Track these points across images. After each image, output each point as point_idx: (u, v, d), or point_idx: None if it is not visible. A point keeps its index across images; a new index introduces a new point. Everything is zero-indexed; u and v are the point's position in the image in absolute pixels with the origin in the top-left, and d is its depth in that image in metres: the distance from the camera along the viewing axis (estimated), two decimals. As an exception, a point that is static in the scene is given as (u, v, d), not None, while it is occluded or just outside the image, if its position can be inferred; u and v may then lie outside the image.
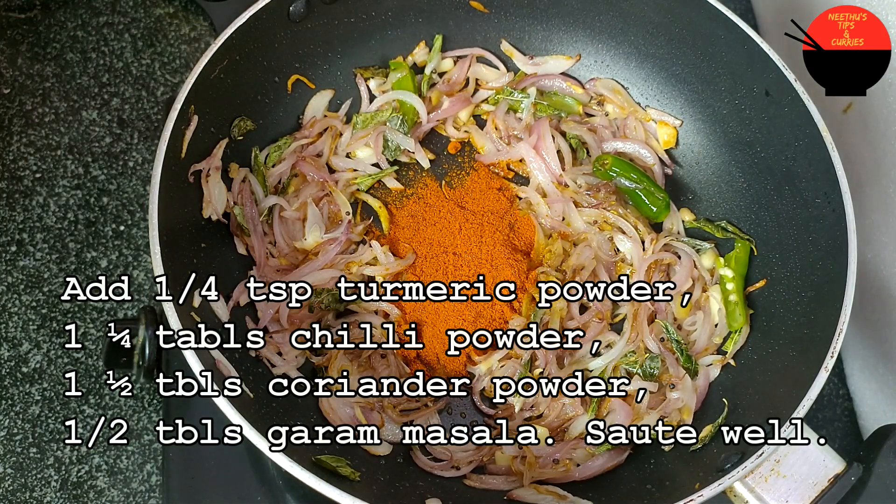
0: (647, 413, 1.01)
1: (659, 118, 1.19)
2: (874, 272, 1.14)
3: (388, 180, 1.15)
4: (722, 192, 1.14)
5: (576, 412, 1.01)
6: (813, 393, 0.87)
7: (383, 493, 0.92)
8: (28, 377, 1.10)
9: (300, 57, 1.13)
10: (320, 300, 1.02)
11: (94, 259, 1.17)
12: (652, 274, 1.09)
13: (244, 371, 0.95)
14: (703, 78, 1.14)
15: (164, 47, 1.32)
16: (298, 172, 1.12)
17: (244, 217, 1.05)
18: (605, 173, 1.12)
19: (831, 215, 0.97)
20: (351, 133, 1.15)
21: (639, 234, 1.10)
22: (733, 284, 1.07)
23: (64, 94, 1.27)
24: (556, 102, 1.20)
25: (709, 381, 1.04)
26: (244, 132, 1.09)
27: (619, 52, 1.20)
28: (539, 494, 0.94)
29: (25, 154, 1.22)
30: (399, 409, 1.01)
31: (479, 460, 0.98)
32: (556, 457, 0.98)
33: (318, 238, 1.07)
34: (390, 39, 1.19)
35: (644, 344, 1.05)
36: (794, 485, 0.88)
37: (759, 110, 1.08)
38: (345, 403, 0.99)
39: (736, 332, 1.05)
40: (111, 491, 1.06)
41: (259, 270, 1.05)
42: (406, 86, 1.16)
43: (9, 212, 1.18)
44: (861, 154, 1.16)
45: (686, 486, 0.86)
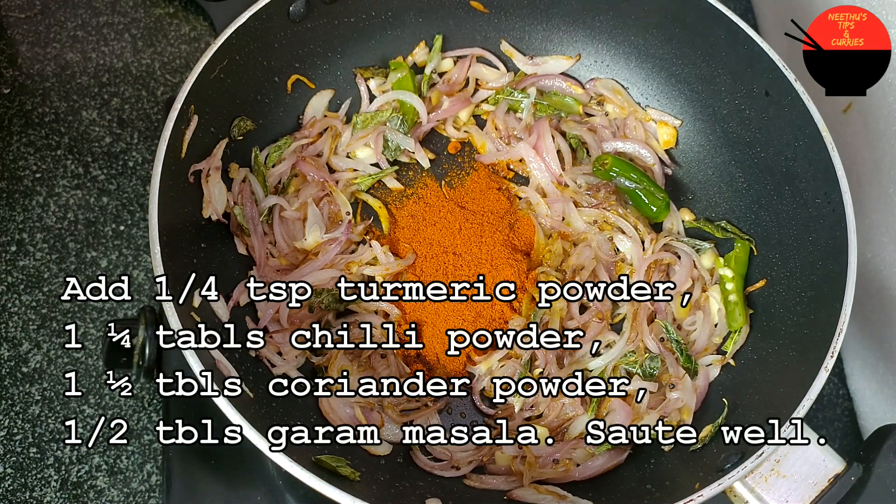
0: (647, 413, 1.01)
1: (659, 118, 1.19)
2: (874, 272, 1.14)
3: (388, 180, 1.15)
4: (722, 192, 1.14)
5: (576, 412, 1.01)
6: (813, 393, 0.87)
7: (383, 493, 0.92)
8: (28, 377, 1.10)
9: (300, 57, 1.13)
10: (320, 300, 1.03)
11: (94, 259, 1.17)
12: (652, 274, 1.09)
13: (244, 371, 0.95)
14: (703, 78, 1.14)
15: (164, 47, 1.32)
16: (298, 172, 1.12)
17: (244, 217, 1.05)
18: (605, 173, 1.12)
19: (831, 215, 0.97)
20: (351, 133, 1.15)
21: (639, 234, 1.10)
22: (733, 284, 1.07)
23: (64, 94, 1.27)
24: (556, 102, 1.20)
25: (709, 381, 1.04)
26: (244, 132, 1.09)
27: (619, 52, 1.20)
28: (539, 494, 0.94)
29: (25, 154, 1.22)
30: (399, 409, 1.01)
31: (479, 460, 0.98)
32: (556, 457, 0.98)
33: (318, 238, 1.07)
34: (390, 39, 1.19)
35: (644, 344, 1.05)
36: (794, 485, 0.87)
37: (759, 110, 1.08)
38: (345, 403, 0.99)
39: (736, 332, 1.05)
40: (111, 491, 1.06)
41: (259, 270, 1.05)
42: (406, 86, 1.16)
43: (9, 212, 1.18)
44: (861, 154, 1.16)
45: (686, 486, 0.86)
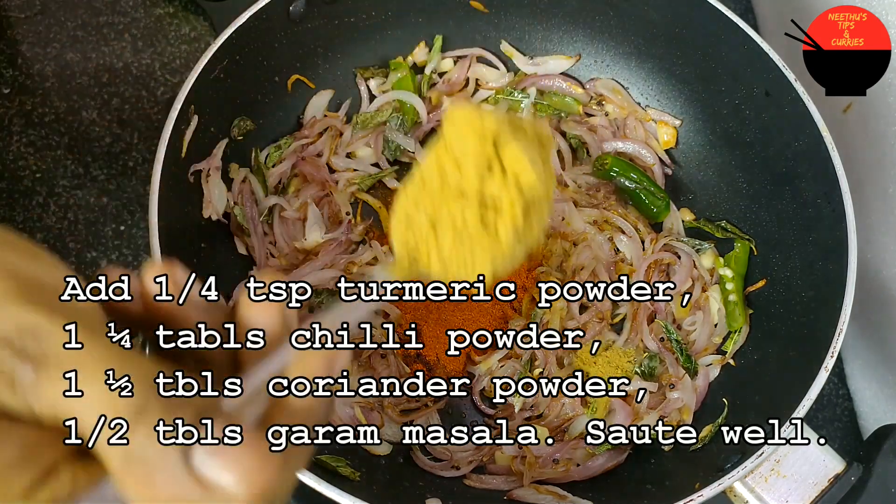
0: (647, 413, 1.01)
1: (659, 118, 1.19)
2: (874, 272, 1.14)
3: (389, 180, 1.15)
4: (722, 192, 1.14)
5: (576, 412, 1.01)
6: (813, 393, 0.87)
7: (383, 493, 0.92)
8: (28, 377, 1.10)
9: (300, 57, 1.13)
10: (320, 300, 1.03)
11: (94, 259, 1.17)
12: (652, 274, 1.09)
13: (244, 371, 0.94)
14: (703, 78, 1.14)
15: (164, 47, 1.32)
16: (299, 172, 1.12)
17: (244, 217, 1.05)
18: (605, 173, 1.12)
19: (831, 215, 0.97)
20: (351, 133, 1.15)
21: (639, 234, 1.10)
22: (733, 284, 1.07)
23: (64, 94, 1.27)
24: (556, 102, 1.20)
25: (708, 380, 1.04)
26: (244, 132, 1.09)
27: (619, 52, 1.20)
28: (539, 494, 0.94)
29: (25, 154, 1.22)
30: (399, 409, 1.01)
31: (479, 460, 0.98)
32: (556, 457, 0.98)
33: (318, 238, 1.07)
34: (390, 39, 1.19)
35: (644, 344, 1.05)
36: (794, 485, 0.87)
37: (759, 110, 1.08)
38: (345, 403, 0.99)
39: (736, 331, 1.05)
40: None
41: (259, 270, 1.05)
42: (406, 86, 1.16)
43: (9, 212, 1.18)
44: (861, 154, 1.16)
45: (686, 486, 0.86)
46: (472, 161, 0.56)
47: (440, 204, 0.58)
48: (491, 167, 0.56)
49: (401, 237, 0.61)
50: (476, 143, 0.56)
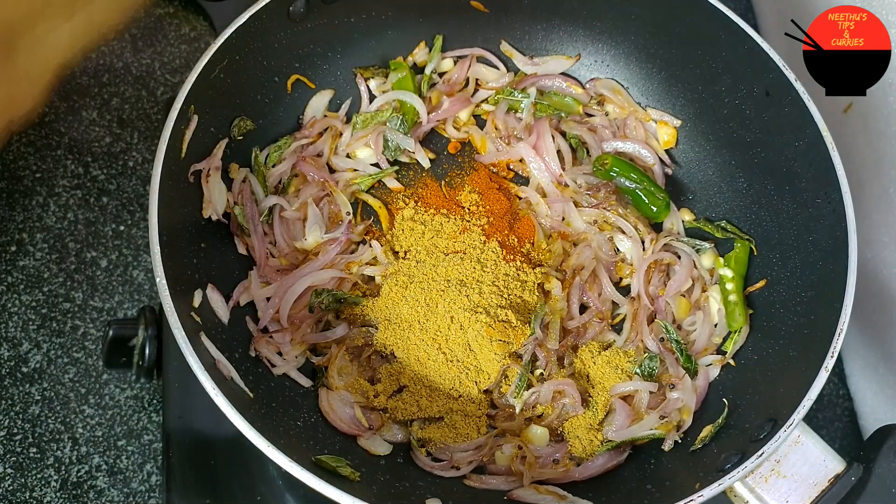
0: (647, 413, 1.01)
1: (659, 118, 1.19)
2: (874, 272, 1.14)
3: (388, 180, 1.15)
4: (722, 192, 1.14)
5: (576, 412, 1.01)
6: (813, 393, 0.87)
7: (383, 493, 0.92)
8: (28, 377, 1.10)
9: (300, 57, 1.13)
10: (320, 300, 1.03)
11: (94, 259, 1.17)
12: (652, 274, 1.09)
13: (244, 371, 0.95)
14: (703, 78, 1.14)
15: (164, 47, 1.32)
16: (299, 172, 1.12)
17: (244, 217, 1.05)
18: (605, 173, 1.12)
19: (831, 215, 0.97)
20: (351, 133, 1.15)
21: (639, 234, 1.10)
22: (733, 284, 1.07)
23: (64, 94, 1.27)
24: (556, 102, 1.20)
25: (708, 380, 1.04)
26: (244, 132, 1.09)
27: (619, 52, 1.20)
28: (539, 494, 0.94)
29: (25, 154, 1.22)
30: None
31: (479, 460, 0.98)
32: (556, 457, 0.98)
33: (318, 238, 1.07)
34: (390, 39, 1.19)
35: (644, 344, 1.05)
36: (794, 485, 0.88)
37: (759, 110, 1.08)
38: (345, 403, 0.99)
39: (736, 332, 1.05)
40: (111, 491, 1.06)
41: (259, 270, 1.05)
42: (406, 86, 1.16)
43: (9, 212, 1.18)
44: (861, 154, 1.16)
45: (686, 486, 0.86)
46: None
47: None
48: None
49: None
50: None
